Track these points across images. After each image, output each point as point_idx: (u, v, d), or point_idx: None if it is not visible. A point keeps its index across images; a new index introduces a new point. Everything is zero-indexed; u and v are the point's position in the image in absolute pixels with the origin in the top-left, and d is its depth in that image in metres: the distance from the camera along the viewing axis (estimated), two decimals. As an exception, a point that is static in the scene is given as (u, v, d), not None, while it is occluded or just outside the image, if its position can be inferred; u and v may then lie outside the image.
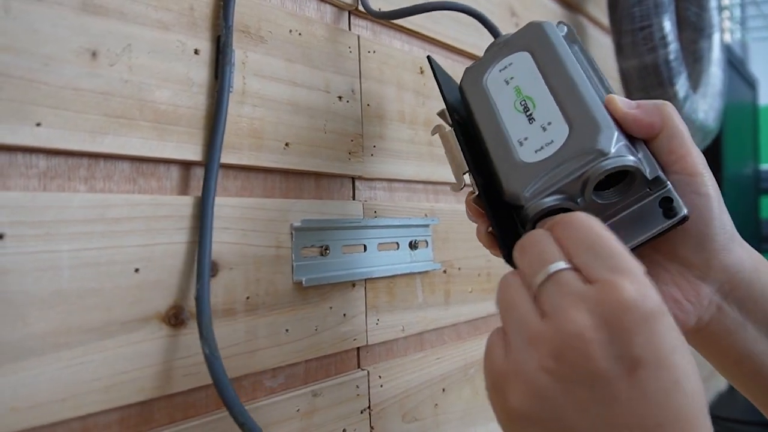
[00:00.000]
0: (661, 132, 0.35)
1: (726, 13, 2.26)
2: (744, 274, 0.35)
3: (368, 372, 0.49)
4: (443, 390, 0.57)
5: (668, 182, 0.34)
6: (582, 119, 0.33)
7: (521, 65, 0.38)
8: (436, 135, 0.42)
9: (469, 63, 0.65)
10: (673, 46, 0.86)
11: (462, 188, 0.39)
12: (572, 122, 0.34)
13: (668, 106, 0.35)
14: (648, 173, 0.33)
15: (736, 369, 0.38)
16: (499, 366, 0.28)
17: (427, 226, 0.56)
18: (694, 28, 1.04)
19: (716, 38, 1.06)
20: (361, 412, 0.48)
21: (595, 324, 0.25)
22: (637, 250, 0.34)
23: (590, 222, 0.29)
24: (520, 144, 0.35)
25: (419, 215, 0.55)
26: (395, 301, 0.52)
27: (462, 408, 0.59)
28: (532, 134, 0.35)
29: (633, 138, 0.35)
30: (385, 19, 0.52)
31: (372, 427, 0.48)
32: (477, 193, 0.37)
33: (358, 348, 0.50)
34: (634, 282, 0.26)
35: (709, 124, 1.00)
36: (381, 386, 0.50)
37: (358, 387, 0.48)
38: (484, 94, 0.39)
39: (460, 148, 0.39)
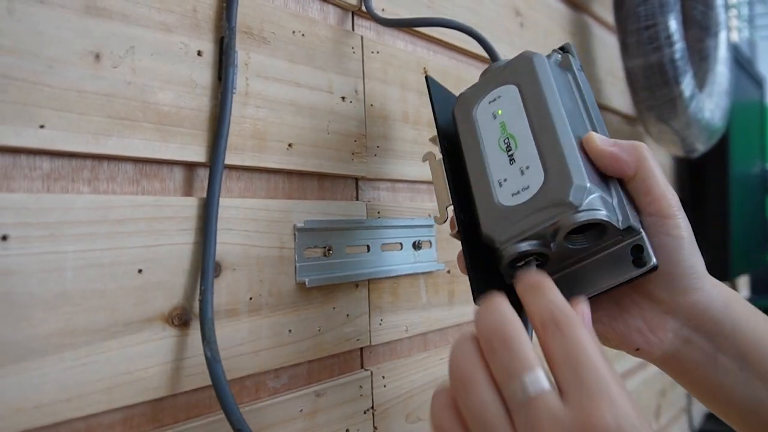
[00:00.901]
0: (636, 173, 0.36)
1: (733, 12, 2.25)
2: (713, 312, 0.36)
3: (372, 372, 0.49)
4: (447, 390, 0.57)
5: (641, 231, 0.35)
6: (557, 169, 0.34)
7: (508, 100, 0.39)
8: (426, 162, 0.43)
9: (473, 63, 0.65)
10: (679, 45, 0.86)
11: (445, 221, 0.40)
12: (548, 170, 0.35)
13: (644, 148, 0.36)
14: (620, 223, 0.34)
15: (708, 397, 0.39)
16: None
17: (430, 226, 0.56)
18: (700, 27, 1.04)
19: (723, 37, 1.06)
20: (365, 413, 0.48)
21: None
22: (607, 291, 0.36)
23: (582, 335, 0.28)
24: (500, 185, 0.36)
25: (423, 215, 0.55)
26: (399, 302, 0.52)
27: (466, 408, 0.59)
28: (511, 176, 0.36)
29: (607, 177, 0.36)
30: (389, 26, 0.52)
31: (375, 428, 0.49)
32: (458, 229, 0.38)
33: (362, 348, 0.50)
34: (612, 408, 0.25)
35: (716, 122, 1.00)
36: (384, 386, 0.50)
37: (361, 387, 0.48)
38: (472, 125, 0.40)
39: (446, 180, 0.40)
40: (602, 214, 0.33)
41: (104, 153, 0.33)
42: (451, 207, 0.39)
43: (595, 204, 0.33)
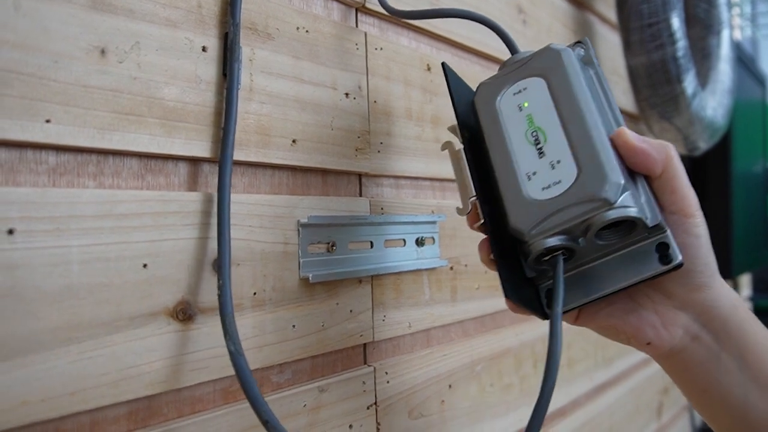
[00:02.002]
0: (663, 172, 0.36)
1: (736, 10, 2.25)
2: (721, 310, 0.37)
3: (375, 368, 0.49)
4: (450, 386, 0.57)
5: (667, 228, 0.36)
6: (591, 164, 0.34)
7: (535, 92, 0.38)
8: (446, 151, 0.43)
9: (478, 61, 0.66)
10: (682, 43, 0.86)
11: (468, 212, 0.40)
12: (581, 165, 0.35)
13: (671, 147, 0.37)
14: (649, 221, 0.34)
15: (704, 397, 0.40)
16: None
17: (434, 222, 0.56)
18: (702, 25, 1.04)
19: (725, 35, 1.06)
20: (368, 408, 0.48)
21: None
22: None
23: None
24: (528, 178, 0.36)
25: (426, 212, 0.56)
26: (402, 298, 0.52)
27: (468, 405, 0.59)
28: (540, 170, 0.36)
29: (634, 173, 0.36)
30: (400, 17, 0.52)
31: (378, 423, 0.49)
32: (483, 221, 0.38)
33: (365, 344, 0.50)
34: None
35: (718, 121, 1.00)
36: (387, 382, 0.50)
37: (364, 383, 0.48)
38: (496, 117, 0.39)
39: (468, 171, 0.40)
40: (634, 211, 0.33)
41: (109, 148, 0.34)
42: (474, 199, 0.39)
43: (628, 201, 0.33)
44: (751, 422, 0.37)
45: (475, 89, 0.42)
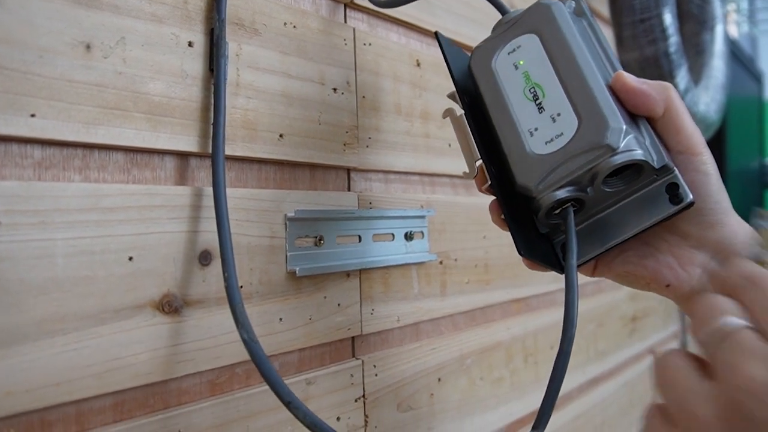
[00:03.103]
0: (665, 112, 0.36)
1: (733, 6, 2.25)
2: (738, 246, 0.37)
3: (363, 361, 0.49)
4: (439, 380, 0.57)
5: (675, 168, 0.35)
6: (591, 113, 0.34)
7: (529, 49, 0.38)
8: (447, 119, 0.42)
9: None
10: (674, 39, 0.86)
11: (475, 175, 0.40)
12: (581, 115, 0.35)
13: (671, 87, 0.36)
14: (656, 162, 0.34)
15: None
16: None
17: (423, 217, 0.56)
18: (696, 20, 1.04)
19: (719, 30, 1.06)
20: (356, 401, 0.48)
21: None
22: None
23: None
24: (531, 134, 0.36)
25: (415, 206, 0.56)
26: (390, 292, 0.53)
27: (458, 398, 0.60)
28: (542, 125, 0.36)
29: (636, 116, 0.36)
30: (386, 7, 0.52)
31: (366, 416, 0.49)
32: (490, 182, 0.38)
33: (353, 337, 0.50)
34: None
35: (711, 116, 1.00)
36: (376, 375, 0.51)
37: (352, 376, 0.48)
38: (493, 78, 0.39)
39: (471, 135, 0.40)
40: (639, 154, 0.33)
41: (95, 142, 0.34)
42: (480, 162, 0.39)
43: (632, 145, 0.33)
44: None
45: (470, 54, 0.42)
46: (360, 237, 0.50)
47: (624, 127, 0.33)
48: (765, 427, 0.24)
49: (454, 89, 0.42)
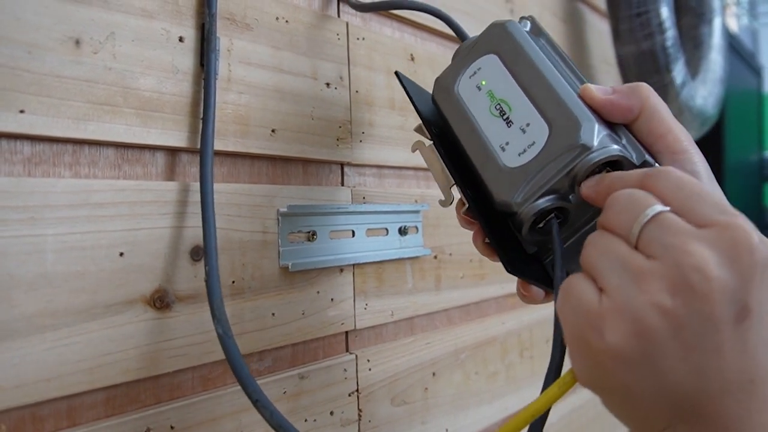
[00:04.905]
0: (640, 114, 0.34)
1: (733, -1, 2.24)
2: None
3: (356, 356, 0.50)
4: (433, 374, 0.58)
5: (656, 164, 0.33)
6: (560, 116, 0.33)
7: (490, 69, 0.38)
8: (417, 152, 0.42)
9: (461, 50, 0.65)
10: (671, 33, 0.86)
11: (452, 202, 0.39)
12: (551, 121, 0.34)
13: (644, 87, 0.35)
14: (635, 159, 0.33)
15: None
16: (594, 306, 0.26)
17: (417, 212, 0.56)
18: (694, 13, 1.04)
19: (717, 23, 1.05)
20: (349, 395, 0.48)
21: (719, 261, 0.24)
22: None
23: (686, 175, 0.27)
24: (503, 149, 0.35)
25: (409, 201, 0.56)
26: (384, 287, 0.53)
27: (453, 392, 0.60)
28: (512, 138, 0.35)
29: (613, 124, 0.34)
30: (360, 11, 0.52)
31: (360, 410, 0.49)
32: (468, 206, 0.37)
33: (347, 332, 0.50)
34: (752, 227, 0.24)
35: (708, 110, 1.00)
36: (369, 370, 0.51)
37: (346, 370, 0.48)
38: (457, 102, 0.39)
39: (443, 162, 0.39)
40: (615, 149, 0.32)
41: (85, 138, 0.34)
42: (455, 187, 0.38)
43: (607, 142, 0.32)
44: None
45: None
46: (353, 232, 0.50)
47: (596, 124, 0.32)
48: (706, 300, 0.23)
49: (419, 123, 0.41)
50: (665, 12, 0.84)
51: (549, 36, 0.39)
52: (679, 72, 0.88)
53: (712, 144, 1.31)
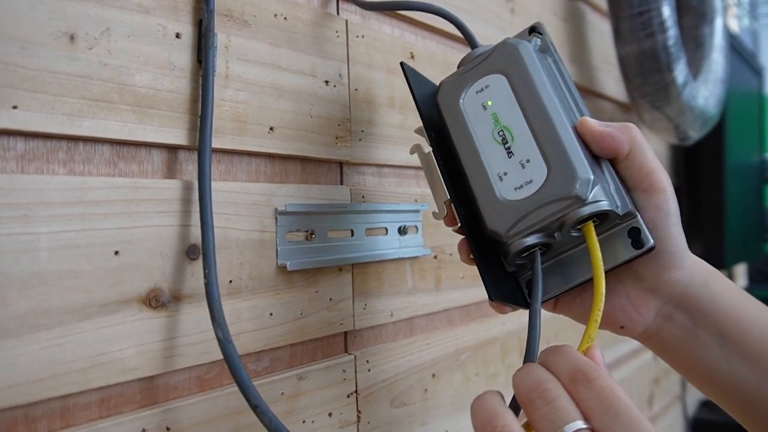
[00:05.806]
0: (630, 151, 0.37)
1: None
2: (693, 288, 0.37)
3: (355, 356, 0.49)
4: (433, 375, 0.57)
5: (637, 214, 0.37)
6: (560, 162, 0.35)
7: (498, 90, 0.39)
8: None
9: (462, 49, 0.65)
10: (672, 32, 0.85)
11: (445, 216, 0.40)
12: (551, 164, 0.36)
13: (633, 127, 0.37)
14: (620, 210, 0.36)
15: (692, 375, 0.40)
16: None
17: (417, 211, 0.56)
18: (695, 13, 1.03)
19: (718, 23, 1.05)
20: (348, 396, 0.48)
21: None
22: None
23: (611, 383, 0.28)
24: (500, 179, 0.37)
25: (409, 200, 0.55)
26: (383, 287, 0.52)
27: (452, 394, 0.59)
28: (511, 170, 0.37)
29: (599, 158, 0.37)
30: (368, 9, 0.52)
31: (359, 411, 0.49)
32: (460, 225, 0.39)
33: (346, 333, 0.50)
34: None
35: (709, 110, 1.00)
36: (369, 371, 0.50)
37: (344, 371, 0.48)
38: (461, 117, 0.40)
39: (440, 174, 0.40)
40: (605, 204, 0.35)
41: (80, 134, 0.33)
42: (449, 202, 0.39)
43: (599, 195, 0.35)
44: (745, 395, 0.37)
45: (437, 86, 0.42)
46: (352, 231, 0.49)
47: (592, 177, 0.34)
48: None
49: (421, 125, 0.42)
50: (667, 11, 0.84)
51: (555, 53, 0.41)
52: (680, 71, 0.87)
53: (712, 145, 1.30)
